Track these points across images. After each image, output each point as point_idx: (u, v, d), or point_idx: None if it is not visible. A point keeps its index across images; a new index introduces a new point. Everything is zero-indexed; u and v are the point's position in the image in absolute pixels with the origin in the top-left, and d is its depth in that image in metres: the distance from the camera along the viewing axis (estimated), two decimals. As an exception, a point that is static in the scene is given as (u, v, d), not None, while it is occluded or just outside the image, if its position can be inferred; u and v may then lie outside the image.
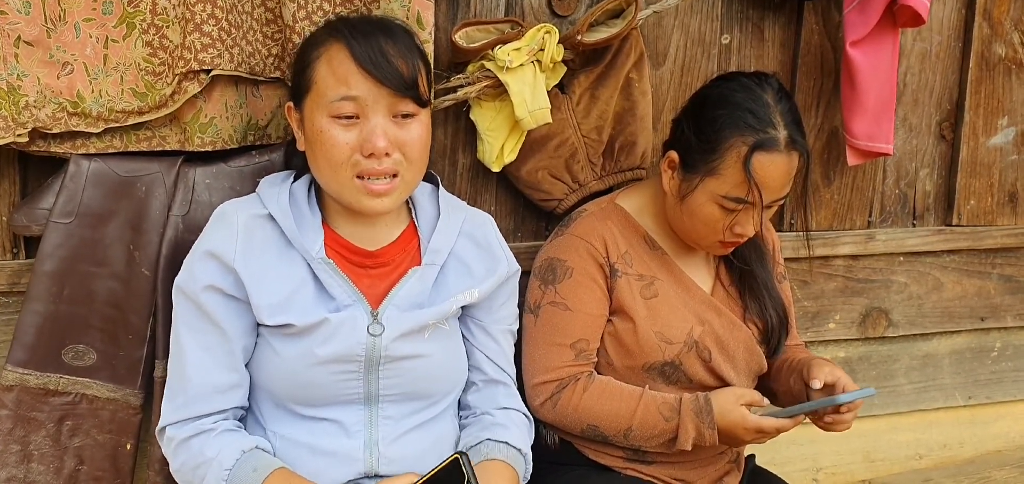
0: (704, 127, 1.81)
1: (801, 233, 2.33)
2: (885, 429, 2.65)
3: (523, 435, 1.81)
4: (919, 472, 2.62)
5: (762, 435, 1.79)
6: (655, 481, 1.91)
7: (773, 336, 1.96)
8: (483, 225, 1.84)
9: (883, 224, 2.52)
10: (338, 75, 1.62)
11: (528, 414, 1.87)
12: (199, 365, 1.63)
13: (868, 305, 2.55)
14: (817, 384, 1.83)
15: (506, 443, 1.75)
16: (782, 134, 1.77)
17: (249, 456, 1.61)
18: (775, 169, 1.77)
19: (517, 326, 1.89)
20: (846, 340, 2.56)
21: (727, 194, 1.79)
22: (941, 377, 2.68)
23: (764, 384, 2.03)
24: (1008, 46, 2.51)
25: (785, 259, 2.37)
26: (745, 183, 1.76)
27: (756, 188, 1.76)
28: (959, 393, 2.71)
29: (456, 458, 1.49)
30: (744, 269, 1.96)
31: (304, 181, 1.75)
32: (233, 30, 1.79)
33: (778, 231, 2.37)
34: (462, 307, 1.76)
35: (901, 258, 2.55)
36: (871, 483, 2.59)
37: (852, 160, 2.30)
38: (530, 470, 1.81)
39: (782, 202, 1.86)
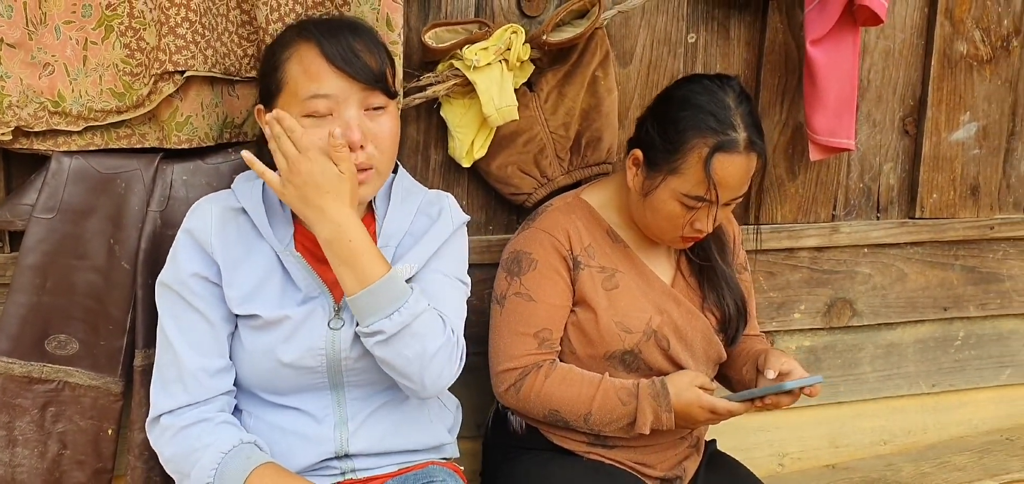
0: (667, 128, 1.88)
1: (755, 226, 2.41)
2: (850, 415, 2.73)
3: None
4: (881, 457, 2.70)
5: (715, 416, 1.87)
6: (616, 464, 1.98)
7: (731, 325, 2.04)
8: (438, 201, 1.88)
9: (848, 217, 2.59)
10: (310, 73, 1.68)
11: (455, 345, 1.75)
12: (189, 352, 1.70)
13: (833, 295, 2.62)
14: (771, 373, 1.90)
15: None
16: (742, 136, 1.84)
17: (246, 446, 1.68)
18: (734, 169, 1.84)
19: (465, 281, 1.86)
20: (811, 329, 2.64)
21: (688, 192, 1.86)
22: (905, 365, 2.76)
23: (721, 371, 2.11)
24: (970, 44, 2.58)
25: (749, 251, 2.44)
26: (705, 182, 1.83)
27: (714, 187, 1.83)
28: (923, 381, 2.78)
29: None
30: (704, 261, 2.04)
31: None
32: (207, 32, 1.86)
33: (743, 224, 2.45)
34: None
35: (865, 250, 2.63)
36: (835, 467, 2.66)
37: (814, 155, 2.37)
38: (418, 334, 1.67)
39: (740, 200, 1.93)
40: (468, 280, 1.89)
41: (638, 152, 1.93)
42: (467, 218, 1.91)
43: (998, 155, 2.68)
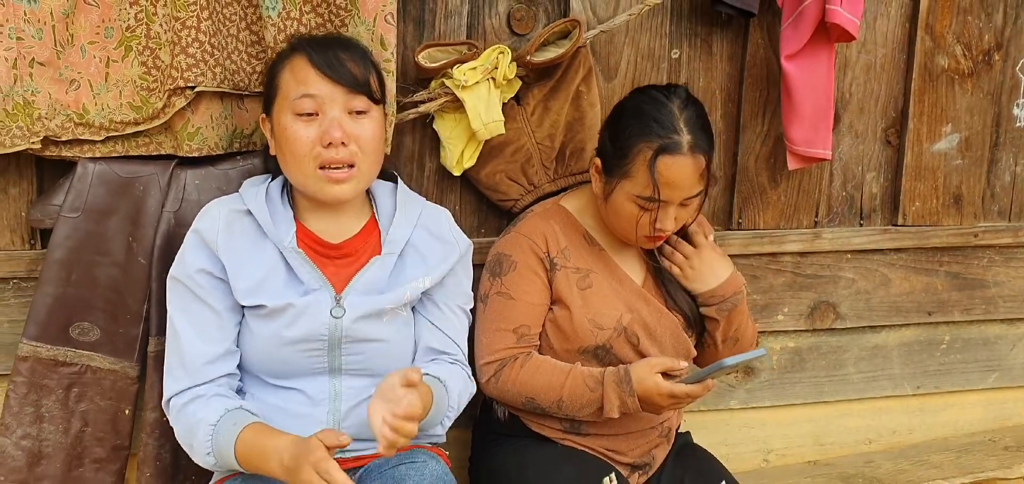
0: (618, 136, 2.05)
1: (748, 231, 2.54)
2: (835, 415, 2.83)
3: (451, 375, 1.97)
4: (864, 455, 2.80)
5: (676, 400, 2.00)
6: (588, 451, 2.14)
7: (697, 323, 2.18)
8: (438, 219, 2.07)
9: (830, 224, 2.70)
10: (299, 78, 1.90)
11: (470, 375, 2.06)
12: (192, 341, 1.90)
13: (816, 299, 2.73)
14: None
15: (427, 374, 1.90)
16: (685, 139, 1.99)
17: (232, 413, 1.85)
18: (678, 170, 1.99)
19: (471, 305, 2.10)
20: (795, 331, 2.75)
21: (639, 194, 2.02)
22: (890, 367, 2.85)
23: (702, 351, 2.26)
24: (950, 58, 2.67)
25: (733, 255, 2.57)
26: (652, 183, 1.99)
27: (657, 187, 1.98)
28: (908, 383, 2.87)
29: None
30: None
31: (279, 182, 2.02)
32: (216, 51, 2.05)
33: (726, 230, 2.59)
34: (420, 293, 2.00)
35: (849, 255, 2.73)
36: (816, 464, 2.77)
37: (792, 164, 2.49)
38: (452, 408, 1.98)
39: (695, 199, 2.06)
40: (472, 300, 2.10)
41: (598, 160, 2.09)
42: (470, 243, 2.10)
43: (981, 165, 2.77)
